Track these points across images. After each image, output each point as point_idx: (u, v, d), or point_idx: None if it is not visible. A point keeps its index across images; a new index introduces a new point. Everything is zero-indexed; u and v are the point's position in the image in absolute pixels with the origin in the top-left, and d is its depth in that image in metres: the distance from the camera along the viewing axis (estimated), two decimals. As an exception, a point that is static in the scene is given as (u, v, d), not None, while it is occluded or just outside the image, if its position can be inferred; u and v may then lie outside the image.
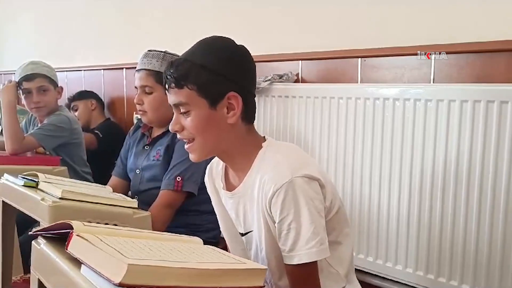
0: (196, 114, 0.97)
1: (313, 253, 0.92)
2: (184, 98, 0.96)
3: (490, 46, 1.37)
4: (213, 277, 0.61)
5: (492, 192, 1.32)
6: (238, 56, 1.00)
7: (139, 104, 1.60)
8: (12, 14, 4.04)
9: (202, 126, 0.98)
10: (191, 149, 1.02)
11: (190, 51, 0.99)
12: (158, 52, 1.60)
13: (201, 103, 0.96)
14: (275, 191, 0.92)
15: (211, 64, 0.96)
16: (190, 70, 0.95)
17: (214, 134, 0.99)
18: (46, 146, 1.92)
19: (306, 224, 0.92)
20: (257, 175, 0.98)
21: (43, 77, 2.04)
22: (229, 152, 1.03)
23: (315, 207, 0.93)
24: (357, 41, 1.69)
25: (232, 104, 0.97)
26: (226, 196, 1.08)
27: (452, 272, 1.41)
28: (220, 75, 0.96)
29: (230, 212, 1.09)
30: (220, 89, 0.96)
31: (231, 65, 0.98)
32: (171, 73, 0.96)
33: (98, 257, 0.57)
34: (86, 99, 2.74)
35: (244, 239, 1.07)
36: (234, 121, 0.98)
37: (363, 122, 1.57)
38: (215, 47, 0.99)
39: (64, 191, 0.97)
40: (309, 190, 0.93)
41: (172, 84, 0.97)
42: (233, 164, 1.05)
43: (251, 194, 1.00)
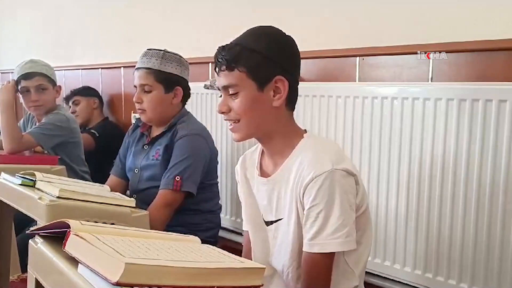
0: (244, 95, 1.01)
1: (338, 244, 0.95)
2: (234, 80, 1.00)
3: (489, 45, 1.37)
4: (211, 276, 0.60)
5: (491, 190, 1.31)
6: (287, 43, 1.05)
7: (138, 102, 1.60)
8: (10, 13, 4.03)
9: (249, 107, 1.02)
10: (236, 129, 1.05)
11: (241, 36, 1.04)
12: (158, 51, 1.60)
13: (250, 85, 1.00)
14: (314, 177, 0.95)
15: (261, 48, 1.00)
16: (241, 53, 1.00)
17: (259, 116, 1.03)
18: (44, 145, 1.92)
19: (336, 216, 0.94)
20: (296, 161, 1.01)
21: (42, 76, 2.03)
22: (270, 134, 1.06)
23: (348, 200, 0.96)
24: (356, 40, 1.68)
25: (278, 87, 1.01)
26: (261, 183, 1.10)
27: (450, 271, 1.41)
28: (269, 59, 1.00)
29: (262, 200, 1.10)
30: (268, 72, 1.01)
31: (279, 51, 1.02)
32: (223, 56, 1.00)
33: (95, 256, 0.57)
34: (89, 96, 2.72)
35: (273, 226, 1.09)
36: (279, 104, 1.02)
37: (362, 121, 1.57)
38: (265, 33, 1.03)
39: (62, 190, 0.97)
40: (346, 184, 0.96)
41: (223, 67, 1.01)
42: (272, 147, 1.08)
43: (287, 179, 1.03)
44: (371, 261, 1.57)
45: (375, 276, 1.59)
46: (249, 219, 1.17)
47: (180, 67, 1.62)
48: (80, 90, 2.76)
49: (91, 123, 2.69)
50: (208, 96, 2.10)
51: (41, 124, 1.97)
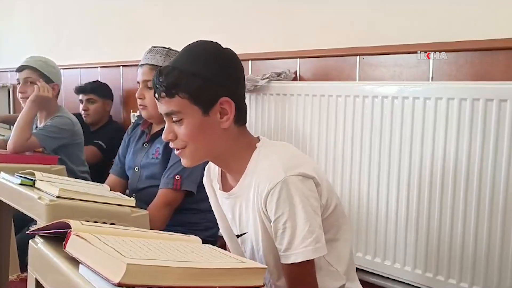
0: (189, 122, 0.96)
1: (309, 252, 0.92)
2: (176, 107, 0.95)
3: (489, 44, 1.37)
4: (212, 277, 0.60)
5: (491, 190, 1.31)
6: (227, 61, 0.99)
7: (141, 98, 1.60)
8: (8, 12, 4.02)
9: (195, 134, 0.97)
10: (183, 155, 1.00)
11: (177, 58, 0.98)
12: (162, 48, 1.61)
13: (194, 111, 0.95)
14: (270, 190, 0.92)
15: (201, 71, 0.95)
16: (181, 78, 0.94)
17: (207, 140, 0.98)
18: (47, 147, 1.92)
19: (301, 223, 0.92)
20: (253, 176, 0.98)
21: (31, 69, 2.04)
22: (222, 156, 1.02)
23: (310, 205, 0.93)
24: (356, 39, 1.68)
25: (225, 109, 0.97)
26: (223, 197, 1.07)
27: (450, 270, 1.41)
28: (212, 81, 0.95)
29: (227, 213, 1.08)
30: (212, 95, 0.95)
31: (221, 71, 0.97)
32: (161, 82, 0.95)
33: (96, 257, 0.57)
34: (106, 98, 2.67)
35: (239, 240, 1.07)
36: (228, 126, 0.98)
37: (362, 120, 1.57)
38: (203, 53, 0.97)
39: (62, 190, 0.96)
40: (304, 188, 0.93)
41: (162, 93, 0.95)
42: (228, 167, 1.05)
43: (247, 195, 1.00)
44: (371, 260, 1.57)
45: (375, 276, 1.59)
46: (223, 230, 1.15)
47: None
48: (97, 88, 2.68)
49: (98, 124, 2.67)
50: (208, 95, 2.09)
51: (45, 127, 1.96)
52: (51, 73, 2.09)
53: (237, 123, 1.00)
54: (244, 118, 1.02)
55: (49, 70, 2.09)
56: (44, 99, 1.97)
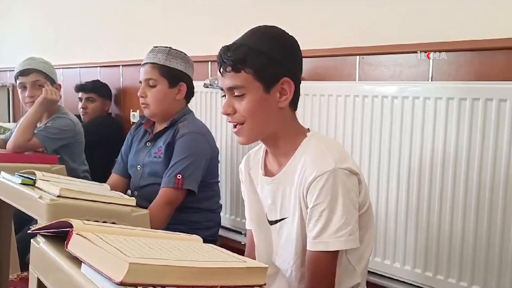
0: (251, 97, 0.99)
1: (341, 242, 0.95)
2: (241, 81, 0.99)
3: (489, 44, 1.37)
4: (214, 276, 0.60)
5: (491, 189, 1.32)
6: (292, 44, 1.04)
7: (143, 97, 1.61)
8: (8, 11, 4.01)
9: (255, 110, 1.00)
10: (241, 132, 1.03)
11: (245, 36, 1.02)
12: (164, 48, 1.63)
13: (256, 87, 0.99)
14: (317, 177, 0.95)
15: (268, 49, 0.99)
16: (248, 54, 0.98)
17: (264, 118, 1.02)
18: (48, 147, 1.92)
19: (339, 214, 0.94)
20: (300, 160, 1.01)
21: (39, 72, 2.03)
22: (275, 136, 1.05)
23: (350, 199, 0.96)
24: (355, 39, 1.68)
25: (284, 89, 1.01)
26: (265, 183, 1.09)
27: (450, 269, 1.41)
28: (276, 60, 0.99)
29: (266, 199, 1.10)
30: (276, 74, 1.00)
31: (286, 52, 1.01)
32: (228, 57, 0.98)
33: (98, 256, 0.57)
34: (106, 98, 2.68)
35: (278, 225, 1.09)
36: (285, 106, 1.02)
37: (361, 120, 1.57)
38: (271, 34, 1.02)
39: (62, 189, 0.96)
40: (348, 182, 0.96)
41: (228, 68, 0.99)
42: (277, 148, 1.07)
43: (292, 179, 1.02)
44: (371, 259, 1.57)
45: (375, 275, 1.59)
46: (253, 218, 1.16)
47: (184, 64, 1.64)
48: (97, 87, 2.69)
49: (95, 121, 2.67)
50: (208, 94, 2.09)
51: (47, 128, 1.96)
52: (53, 73, 2.10)
53: (291, 106, 1.04)
54: (297, 103, 1.06)
55: (51, 70, 2.10)
56: (52, 102, 1.98)
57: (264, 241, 1.13)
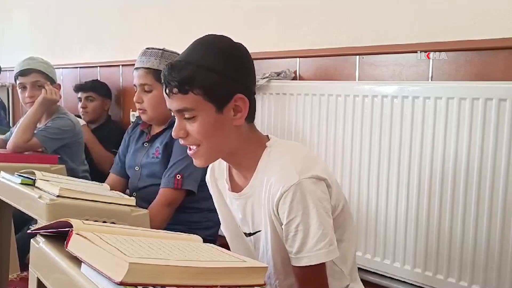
0: (202, 119, 0.93)
1: (323, 254, 0.92)
2: (190, 103, 0.91)
3: (489, 43, 1.37)
4: (214, 275, 0.60)
5: (491, 189, 1.32)
6: (241, 56, 0.96)
7: (139, 102, 1.60)
8: (6, 11, 4.01)
9: (209, 131, 0.94)
10: (197, 155, 0.98)
11: (190, 52, 0.94)
12: (157, 50, 1.60)
13: (207, 108, 0.92)
14: (283, 193, 0.91)
15: (216, 66, 0.91)
16: (195, 73, 0.90)
17: (221, 138, 0.96)
18: (48, 148, 1.92)
19: (315, 226, 0.91)
20: (264, 175, 0.97)
21: (39, 73, 2.03)
22: (234, 154, 1.00)
23: (323, 207, 0.92)
24: (355, 39, 1.68)
25: (238, 106, 0.94)
26: (232, 198, 1.06)
27: (450, 269, 1.41)
28: (227, 77, 0.92)
29: (236, 213, 1.07)
30: (227, 92, 0.93)
31: (237, 66, 0.94)
32: (173, 78, 0.90)
33: (98, 256, 0.57)
34: (105, 97, 2.67)
35: (252, 238, 1.06)
36: (241, 123, 0.95)
37: (361, 120, 1.57)
38: (217, 48, 0.94)
39: (62, 189, 0.96)
40: (317, 191, 0.92)
41: (174, 90, 0.91)
42: (239, 165, 1.03)
43: (259, 195, 0.98)
44: (371, 259, 1.58)
45: (375, 274, 1.59)
46: (227, 229, 1.13)
47: None
48: (97, 86, 2.68)
49: (96, 122, 2.66)
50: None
51: (46, 128, 1.96)
52: (52, 73, 2.10)
53: (247, 120, 0.98)
54: (254, 115, 1.00)
55: (51, 70, 2.10)
56: (51, 102, 1.98)
57: (244, 251, 1.09)
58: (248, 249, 1.09)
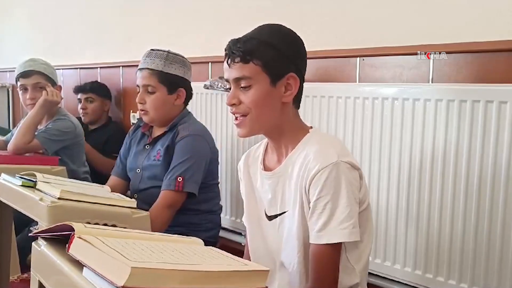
0: (257, 89, 1.01)
1: (346, 234, 0.95)
2: (248, 72, 1.00)
3: (489, 46, 1.37)
4: (216, 279, 0.60)
5: (491, 191, 1.32)
6: (299, 42, 1.07)
7: (141, 103, 1.60)
8: (7, 11, 4.01)
9: (260, 101, 1.02)
10: (243, 123, 1.04)
11: (254, 31, 1.04)
12: (162, 52, 1.60)
13: (263, 79, 1.01)
14: (320, 169, 0.96)
15: (277, 44, 1.01)
16: (258, 46, 1.00)
17: (268, 110, 1.03)
18: (48, 149, 1.92)
19: (343, 206, 0.95)
20: (301, 154, 1.02)
21: (40, 74, 2.03)
22: (278, 129, 1.07)
23: (353, 192, 0.97)
24: (356, 40, 1.68)
25: (290, 84, 1.03)
26: (265, 177, 1.10)
27: (450, 271, 1.41)
28: (285, 55, 1.02)
29: (266, 194, 1.11)
30: (283, 68, 1.02)
31: (294, 48, 1.04)
32: (238, 48, 1.00)
33: (100, 260, 0.57)
34: (104, 97, 2.68)
35: (278, 220, 1.09)
36: (289, 101, 1.04)
37: (362, 122, 1.57)
38: (279, 30, 1.05)
39: (63, 191, 0.96)
40: (350, 176, 0.97)
41: (237, 59, 1.00)
42: (278, 142, 1.08)
43: (291, 172, 1.04)
44: (371, 261, 1.57)
45: (375, 276, 1.59)
46: (250, 215, 1.17)
47: (183, 68, 1.62)
48: (96, 87, 2.69)
49: (96, 123, 2.67)
50: (208, 96, 2.09)
51: (47, 129, 1.96)
52: (53, 75, 2.10)
53: (294, 103, 1.07)
54: (300, 101, 1.08)
55: (52, 71, 2.10)
56: (53, 104, 1.98)
57: (261, 238, 1.13)
58: (265, 238, 1.12)
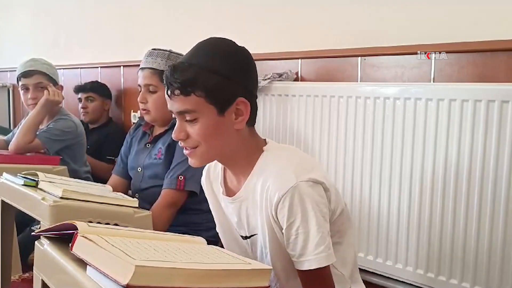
0: (204, 121, 0.92)
1: (322, 258, 0.91)
2: (191, 105, 0.91)
3: (491, 45, 1.37)
4: (219, 278, 0.60)
5: (493, 191, 1.32)
6: (243, 59, 0.96)
7: (143, 102, 1.60)
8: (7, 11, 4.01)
9: (210, 134, 0.93)
10: (193, 154, 0.97)
11: (193, 54, 0.94)
12: (163, 51, 1.60)
13: (209, 110, 0.92)
14: (281, 197, 0.90)
15: (220, 68, 0.91)
16: (198, 75, 0.90)
17: (220, 141, 0.95)
18: (50, 149, 1.92)
19: (314, 229, 0.90)
20: (259, 179, 0.96)
21: (41, 74, 2.03)
22: (231, 157, 1.00)
23: (320, 211, 0.92)
24: (357, 40, 1.68)
25: (240, 109, 0.94)
26: (227, 202, 1.05)
27: (452, 270, 1.41)
28: (229, 80, 0.92)
29: (232, 216, 1.06)
30: (230, 95, 0.92)
31: (239, 69, 0.94)
32: (175, 79, 0.90)
33: (104, 258, 0.57)
34: (105, 97, 2.68)
35: (249, 241, 1.05)
36: (242, 127, 0.95)
37: (363, 121, 1.57)
38: (220, 50, 0.94)
39: (65, 191, 0.96)
40: (314, 194, 0.91)
41: (176, 91, 0.91)
42: (234, 168, 1.02)
43: (253, 198, 0.98)
44: (373, 260, 1.58)
45: (377, 276, 1.59)
46: (223, 232, 1.12)
47: None
48: (97, 87, 2.69)
49: (97, 123, 2.67)
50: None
51: (49, 129, 1.96)
52: (55, 75, 2.10)
53: (248, 124, 0.97)
54: (254, 118, 0.99)
55: (54, 72, 2.10)
56: (54, 104, 1.98)
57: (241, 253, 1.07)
58: (245, 252, 1.08)
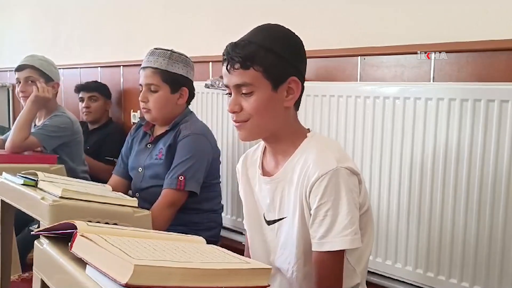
0: (259, 95, 0.99)
1: (347, 241, 0.95)
2: (249, 79, 0.98)
3: (490, 45, 1.37)
4: (218, 277, 0.60)
5: (492, 190, 1.32)
6: (298, 43, 1.04)
7: (144, 102, 1.60)
8: (7, 11, 4.01)
9: (262, 108, 1.00)
10: (243, 127, 1.03)
11: (252, 34, 1.01)
12: (165, 51, 1.60)
13: (265, 85, 0.99)
14: (320, 176, 0.95)
15: (277, 48, 0.99)
16: (257, 52, 0.97)
17: (270, 116, 1.02)
18: (47, 146, 1.92)
19: (344, 213, 0.95)
20: (300, 160, 1.02)
21: (33, 69, 2.04)
22: (277, 134, 1.05)
23: (353, 198, 0.97)
24: (357, 40, 1.68)
25: (292, 88, 1.01)
26: (263, 182, 1.09)
27: (451, 270, 1.41)
28: (285, 59, 0.99)
29: (264, 199, 1.10)
30: (284, 73, 1.00)
31: (294, 51, 1.02)
32: (237, 53, 0.98)
33: (103, 258, 0.57)
34: (107, 98, 2.69)
35: (276, 225, 1.08)
36: (291, 105, 1.02)
37: (363, 121, 1.57)
38: (278, 33, 1.02)
39: (64, 190, 0.96)
40: (350, 182, 0.97)
41: (237, 65, 0.98)
42: (277, 147, 1.07)
43: (291, 178, 1.03)
44: (372, 260, 1.58)
45: (376, 275, 1.59)
46: (249, 218, 1.16)
47: (186, 67, 1.63)
48: (100, 86, 2.69)
49: (97, 123, 2.66)
50: (209, 95, 2.09)
51: (44, 126, 1.95)
52: (51, 72, 2.09)
53: (295, 106, 1.05)
54: (299, 103, 1.06)
55: (50, 69, 2.09)
56: (43, 100, 1.97)
57: (261, 241, 1.12)
58: (265, 241, 1.11)
